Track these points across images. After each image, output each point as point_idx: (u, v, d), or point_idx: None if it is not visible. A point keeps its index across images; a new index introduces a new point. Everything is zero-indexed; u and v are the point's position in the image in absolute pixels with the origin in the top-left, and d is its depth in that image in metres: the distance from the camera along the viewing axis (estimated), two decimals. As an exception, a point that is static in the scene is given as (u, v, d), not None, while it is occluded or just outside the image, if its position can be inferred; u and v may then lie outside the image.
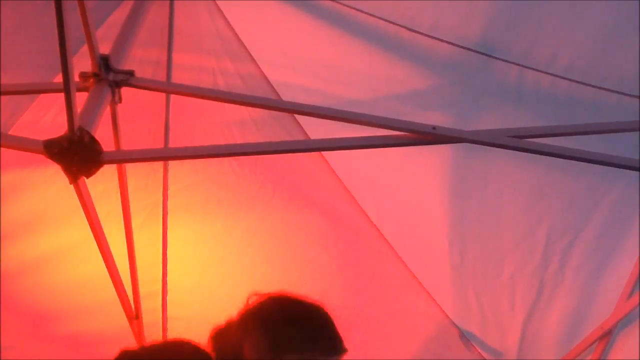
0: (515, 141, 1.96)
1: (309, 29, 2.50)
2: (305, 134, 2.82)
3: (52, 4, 1.55)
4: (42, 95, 2.54)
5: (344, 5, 2.38)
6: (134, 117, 2.62)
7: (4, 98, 2.35)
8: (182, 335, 1.64)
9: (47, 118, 2.61)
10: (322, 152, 2.87)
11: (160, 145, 2.93)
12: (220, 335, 1.58)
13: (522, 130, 1.99)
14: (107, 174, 2.07)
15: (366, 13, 2.37)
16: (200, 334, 1.63)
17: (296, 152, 2.64)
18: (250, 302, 1.59)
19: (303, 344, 1.48)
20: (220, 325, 1.60)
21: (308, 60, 2.65)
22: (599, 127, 2.11)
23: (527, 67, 2.31)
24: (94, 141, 1.82)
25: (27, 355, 3.24)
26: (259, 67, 2.72)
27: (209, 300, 3.26)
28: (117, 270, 2.64)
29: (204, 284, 3.31)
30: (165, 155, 2.73)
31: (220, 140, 2.84)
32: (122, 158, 2.26)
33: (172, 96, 2.81)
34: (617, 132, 2.14)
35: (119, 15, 2.39)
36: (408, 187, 2.91)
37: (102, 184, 2.65)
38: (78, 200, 2.06)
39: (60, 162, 1.83)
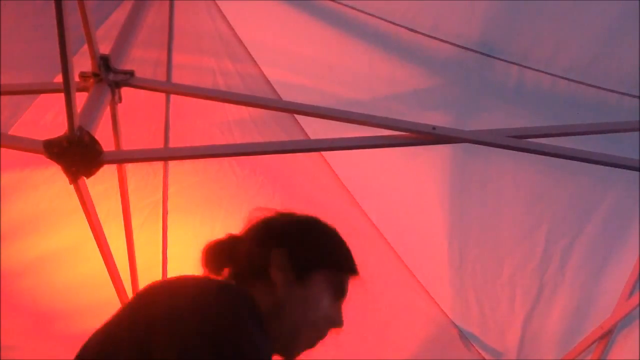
0: (515, 141, 1.96)
1: (309, 29, 2.50)
2: (305, 134, 2.82)
3: (52, 4, 1.55)
4: (42, 95, 2.54)
5: (344, 5, 2.38)
6: (134, 117, 2.62)
7: (4, 98, 2.35)
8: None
9: (47, 118, 2.61)
10: (322, 152, 2.87)
11: (160, 145, 2.93)
12: (228, 250, 1.41)
13: (522, 130, 1.99)
14: (107, 174, 2.07)
15: (366, 13, 2.37)
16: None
17: (296, 152, 2.63)
18: (255, 217, 1.44)
19: (330, 264, 1.40)
20: (222, 239, 1.43)
21: (308, 60, 2.65)
22: (599, 127, 2.11)
23: (527, 67, 2.31)
24: (94, 141, 1.82)
25: (27, 355, 3.24)
26: (259, 67, 2.72)
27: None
28: (117, 270, 2.64)
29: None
30: (165, 155, 2.73)
31: (220, 140, 2.84)
32: (122, 158, 2.26)
33: (172, 96, 2.81)
34: (617, 132, 2.14)
35: (119, 15, 2.39)
36: (408, 187, 2.91)
37: (102, 184, 2.65)
38: (78, 200, 2.06)
39: (60, 162, 1.83)
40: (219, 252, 1.41)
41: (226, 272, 1.39)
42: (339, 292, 1.41)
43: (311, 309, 1.34)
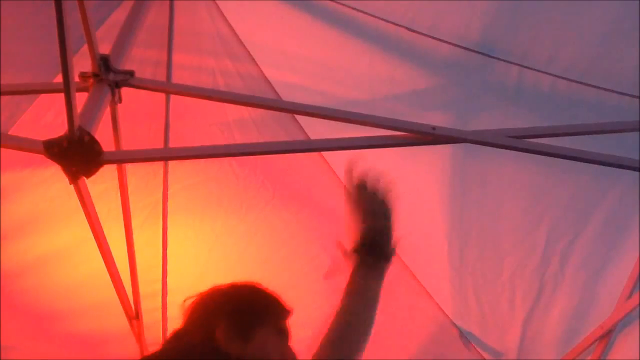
0: (515, 141, 1.96)
1: (308, 29, 2.50)
2: (305, 134, 2.82)
3: (52, 4, 1.55)
4: (42, 95, 2.54)
5: (344, 5, 2.38)
6: (134, 117, 2.62)
7: (4, 98, 2.35)
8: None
9: (47, 118, 2.61)
10: (322, 152, 2.87)
11: (160, 145, 2.93)
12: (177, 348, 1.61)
13: (522, 130, 1.99)
14: (107, 174, 2.07)
15: (366, 13, 2.37)
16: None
17: (296, 152, 2.63)
18: (188, 303, 1.69)
19: (265, 317, 1.60)
20: (176, 329, 1.66)
21: (308, 60, 2.65)
22: (599, 127, 2.11)
23: (527, 67, 2.31)
24: (94, 141, 1.82)
25: (27, 355, 3.24)
26: (259, 67, 2.72)
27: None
28: (117, 270, 2.64)
29: (204, 284, 3.30)
30: (165, 155, 2.73)
31: (220, 140, 2.84)
32: (122, 158, 2.26)
33: (172, 96, 2.81)
34: (617, 132, 2.14)
35: (119, 15, 2.39)
36: (408, 187, 2.91)
37: (102, 184, 2.65)
38: (78, 200, 2.06)
39: (60, 162, 1.83)
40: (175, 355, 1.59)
41: None
42: (283, 335, 1.62)
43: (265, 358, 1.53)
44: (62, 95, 1.73)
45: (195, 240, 3.24)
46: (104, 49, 2.03)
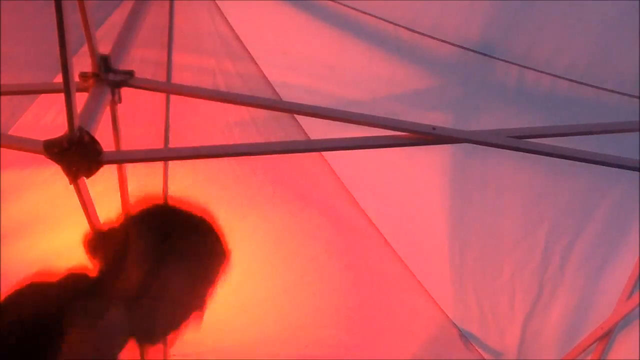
0: (515, 141, 1.96)
1: (309, 29, 2.50)
2: (305, 134, 2.82)
3: (52, 4, 1.56)
4: (42, 95, 2.54)
5: (344, 5, 2.38)
6: (134, 117, 2.62)
7: (4, 98, 2.35)
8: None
9: (47, 118, 2.61)
10: (322, 152, 2.87)
11: (160, 145, 2.93)
12: (98, 240, 1.54)
13: (522, 130, 1.99)
14: (107, 174, 2.07)
15: (366, 13, 2.37)
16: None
17: (296, 152, 2.63)
18: (131, 209, 1.54)
19: (190, 249, 1.46)
20: (104, 227, 1.55)
21: (308, 60, 2.65)
22: (599, 127, 2.11)
23: (527, 67, 2.31)
24: (94, 141, 1.82)
25: (27, 355, 3.23)
26: (259, 67, 2.72)
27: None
28: (117, 270, 2.64)
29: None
30: (165, 155, 2.73)
31: (220, 140, 2.84)
32: (122, 158, 2.26)
33: (172, 96, 2.80)
34: (617, 132, 2.14)
35: (119, 15, 2.39)
36: (408, 187, 2.91)
37: (102, 184, 2.65)
38: (78, 200, 2.06)
39: (60, 162, 1.83)
40: (93, 242, 1.54)
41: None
42: (204, 279, 1.46)
43: (170, 294, 1.41)
44: (62, 95, 1.73)
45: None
46: (104, 49, 2.03)
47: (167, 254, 1.43)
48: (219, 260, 1.50)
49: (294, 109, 2.35)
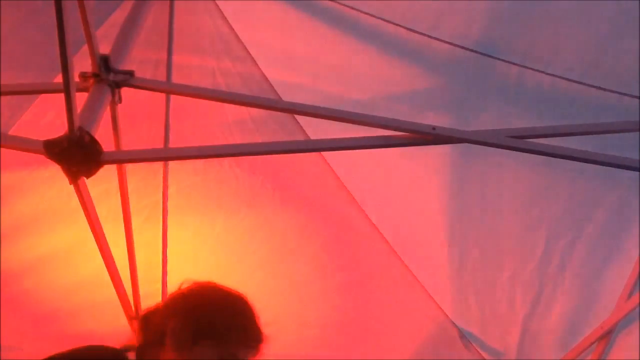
0: (515, 141, 1.96)
1: (309, 29, 2.50)
2: (305, 134, 2.82)
3: (52, 4, 1.55)
4: (42, 95, 2.54)
5: (344, 5, 2.38)
6: (134, 117, 2.62)
7: (4, 98, 2.35)
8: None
9: (47, 118, 2.61)
10: (322, 152, 2.87)
11: (160, 145, 2.92)
12: (149, 317, 1.63)
13: (522, 130, 1.99)
14: (107, 174, 2.07)
15: (366, 13, 2.37)
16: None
17: (296, 152, 2.63)
18: (181, 287, 1.65)
19: (220, 332, 1.53)
20: (151, 307, 1.66)
21: (308, 60, 2.65)
22: (599, 127, 2.11)
23: (527, 67, 2.31)
24: (94, 141, 1.82)
25: (27, 355, 3.24)
26: (259, 67, 2.72)
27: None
28: (117, 270, 2.64)
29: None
30: (165, 155, 2.73)
31: (220, 140, 2.84)
32: (122, 158, 2.26)
33: (172, 96, 2.80)
34: (617, 132, 2.14)
35: (119, 15, 2.39)
36: (408, 187, 2.91)
37: (102, 184, 2.65)
38: (78, 200, 2.06)
39: (61, 162, 1.83)
40: (143, 320, 1.64)
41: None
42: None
43: None
44: (62, 95, 1.73)
45: (195, 240, 3.24)
46: (104, 49, 2.03)
47: (202, 334, 1.52)
48: (253, 345, 1.57)
49: (294, 109, 2.35)
